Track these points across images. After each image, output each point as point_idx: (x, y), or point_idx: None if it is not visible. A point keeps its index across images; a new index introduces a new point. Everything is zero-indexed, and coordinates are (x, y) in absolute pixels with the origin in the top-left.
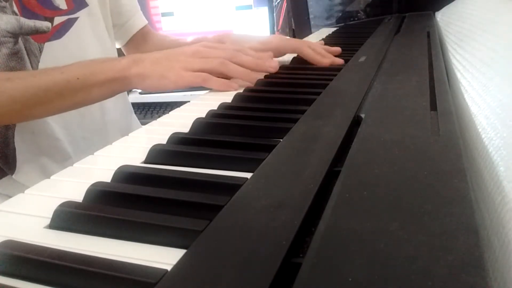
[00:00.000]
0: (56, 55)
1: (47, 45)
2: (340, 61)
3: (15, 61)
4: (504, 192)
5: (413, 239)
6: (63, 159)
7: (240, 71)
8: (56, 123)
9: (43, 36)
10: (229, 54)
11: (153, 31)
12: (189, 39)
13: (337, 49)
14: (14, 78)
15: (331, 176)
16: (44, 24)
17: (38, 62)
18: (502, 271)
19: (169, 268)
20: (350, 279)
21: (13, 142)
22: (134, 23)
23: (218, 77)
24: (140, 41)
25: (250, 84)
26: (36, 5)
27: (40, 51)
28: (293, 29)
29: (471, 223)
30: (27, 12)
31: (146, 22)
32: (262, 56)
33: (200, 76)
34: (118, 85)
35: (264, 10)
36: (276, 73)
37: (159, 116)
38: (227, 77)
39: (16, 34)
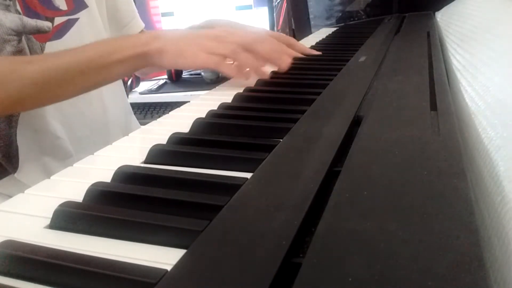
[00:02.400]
0: None
1: (49, 45)
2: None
3: None
4: (504, 192)
5: (413, 239)
6: (64, 158)
7: (250, 62)
8: (57, 122)
9: (44, 36)
10: (247, 41)
11: None
12: None
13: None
14: (35, 61)
15: (331, 176)
16: (45, 24)
17: None
18: (502, 271)
19: (169, 268)
20: (350, 279)
21: (16, 141)
22: (130, 30)
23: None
24: None
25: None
26: (38, 5)
27: (42, 50)
28: (293, 29)
29: (471, 223)
30: (29, 11)
31: (142, 27)
32: (282, 49)
33: (213, 59)
34: (139, 61)
35: (264, 10)
36: (276, 73)
37: (159, 116)
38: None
39: (19, 33)
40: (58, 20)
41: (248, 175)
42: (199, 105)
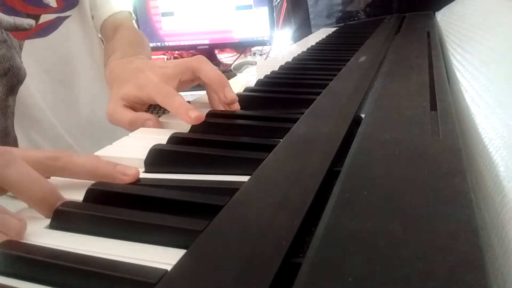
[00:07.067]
0: (37, 53)
1: (28, 43)
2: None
3: (5, 49)
4: (504, 192)
5: (413, 239)
6: (64, 149)
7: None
8: (53, 116)
9: (23, 34)
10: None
11: (127, 24)
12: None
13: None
14: None
15: (331, 176)
16: (26, 22)
17: (20, 58)
18: (502, 271)
19: (169, 268)
20: (350, 279)
21: (14, 131)
22: (101, 12)
23: None
24: (110, 34)
25: None
26: (18, 2)
27: (20, 48)
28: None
29: (471, 223)
30: (6, 8)
31: (119, 10)
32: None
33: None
34: None
35: (264, 10)
36: (276, 73)
37: (159, 116)
38: None
39: None
40: (45, 18)
41: (248, 175)
42: (199, 105)
